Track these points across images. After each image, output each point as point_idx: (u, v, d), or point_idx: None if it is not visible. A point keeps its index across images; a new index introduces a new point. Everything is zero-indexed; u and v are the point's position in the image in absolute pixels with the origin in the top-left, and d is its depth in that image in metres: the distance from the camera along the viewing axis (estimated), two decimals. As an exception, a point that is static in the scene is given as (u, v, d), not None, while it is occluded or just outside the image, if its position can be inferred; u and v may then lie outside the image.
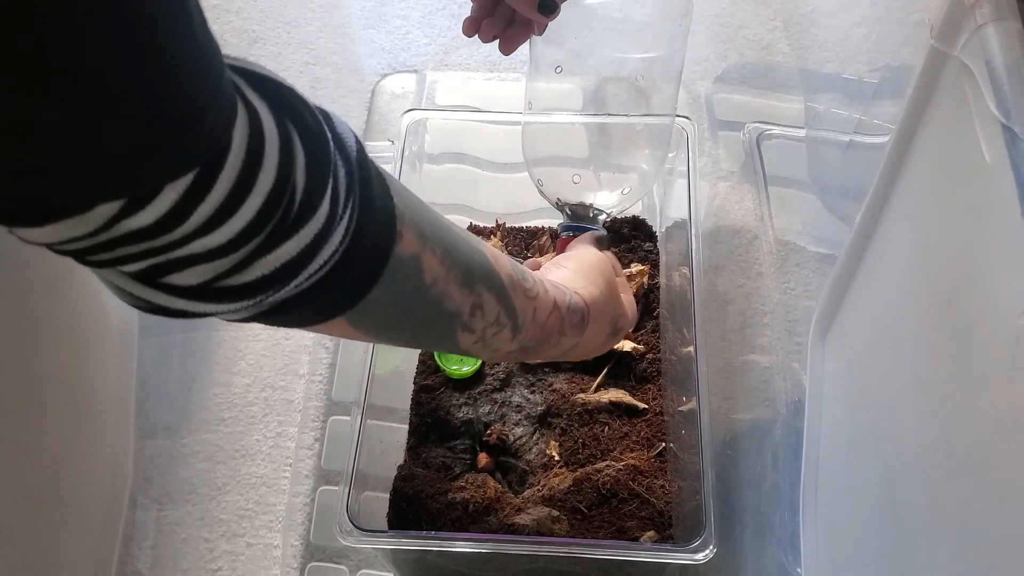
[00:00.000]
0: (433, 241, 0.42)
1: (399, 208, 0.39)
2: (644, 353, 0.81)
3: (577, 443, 0.75)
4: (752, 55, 1.09)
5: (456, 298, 0.44)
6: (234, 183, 0.30)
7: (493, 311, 0.47)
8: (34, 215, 0.27)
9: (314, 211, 0.33)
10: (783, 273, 0.91)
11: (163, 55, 0.26)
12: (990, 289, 0.44)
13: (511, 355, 0.53)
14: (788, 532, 0.74)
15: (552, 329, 0.54)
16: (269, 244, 0.32)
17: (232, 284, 0.32)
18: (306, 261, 0.34)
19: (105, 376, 0.76)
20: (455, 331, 0.46)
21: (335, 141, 0.35)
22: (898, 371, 0.58)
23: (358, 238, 0.36)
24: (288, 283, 0.34)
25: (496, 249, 0.50)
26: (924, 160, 0.57)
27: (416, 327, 0.45)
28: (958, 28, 0.50)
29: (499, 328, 0.49)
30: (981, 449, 0.44)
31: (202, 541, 0.78)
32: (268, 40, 1.12)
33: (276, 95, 0.32)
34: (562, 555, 0.62)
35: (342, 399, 0.85)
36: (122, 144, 0.26)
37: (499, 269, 0.48)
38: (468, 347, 0.48)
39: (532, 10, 0.62)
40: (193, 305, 0.33)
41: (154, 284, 0.32)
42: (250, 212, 0.30)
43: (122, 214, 0.28)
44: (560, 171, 0.76)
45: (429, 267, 0.41)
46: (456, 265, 0.43)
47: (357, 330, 0.42)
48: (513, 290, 0.49)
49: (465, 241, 0.46)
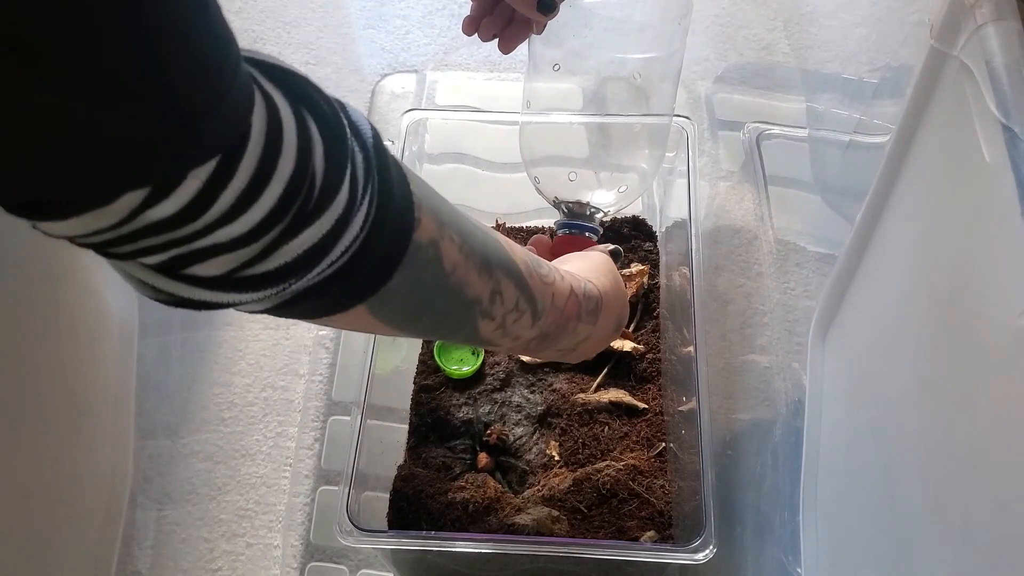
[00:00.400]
0: (451, 228, 0.42)
1: (416, 195, 0.39)
2: (644, 353, 0.81)
3: (577, 443, 0.75)
4: (752, 55, 1.09)
5: (475, 285, 0.44)
6: (255, 170, 0.30)
7: (512, 297, 0.47)
8: (59, 208, 0.27)
9: (334, 197, 0.33)
10: (783, 273, 0.91)
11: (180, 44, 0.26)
12: (990, 289, 0.44)
13: (531, 343, 0.53)
14: (788, 532, 0.74)
15: (571, 314, 0.54)
16: (291, 231, 0.32)
17: (255, 273, 0.32)
18: (328, 247, 0.34)
19: (105, 376, 0.76)
20: (475, 318, 0.46)
21: (351, 128, 0.35)
22: (898, 371, 0.58)
23: (378, 224, 0.36)
24: (310, 270, 0.34)
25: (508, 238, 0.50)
26: (924, 160, 0.57)
27: (436, 315, 0.44)
28: (958, 28, 0.50)
29: (519, 314, 0.48)
30: (981, 449, 0.44)
31: (202, 541, 0.78)
32: (268, 40, 1.12)
33: (291, 84, 0.33)
34: (562, 555, 0.62)
35: (342, 399, 0.85)
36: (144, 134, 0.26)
37: (514, 256, 0.48)
38: (488, 335, 0.48)
39: (531, 9, 0.62)
40: (216, 296, 0.33)
41: (176, 276, 0.32)
42: (271, 199, 0.31)
43: (145, 204, 0.28)
44: (557, 170, 0.76)
45: (448, 254, 0.41)
46: (474, 252, 0.43)
47: (378, 319, 0.41)
48: (530, 276, 0.49)
49: (479, 229, 0.46)
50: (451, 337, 0.50)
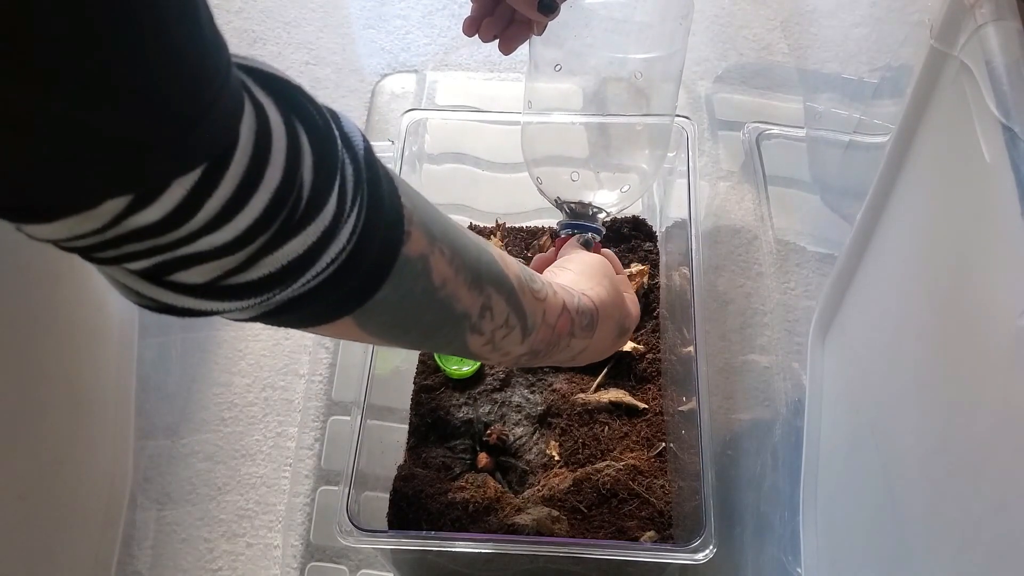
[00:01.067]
0: (442, 242, 0.41)
1: (407, 208, 0.39)
2: (644, 353, 0.81)
3: (577, 443, 0.75)
4: (752, 55, 1.09)
5: (465, 299, 0.44)
6: (241, 179, 0.30)
7: (503, 313, 0.47)
8: (42, 211, 0.27)
9: (321, 208, 0.33)
10: (783, 273, 0.91)
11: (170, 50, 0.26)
12: (990, 289, 0.44)
13: (521, 358, 0.53)
14: (788, 532, 0.74)
15: (562, 331, 0.53)
16: (276, 241, 0.32)
17: (238, 282, 0.32)
18: (313, 259, 0.34)
19: (105, 376, 0.76)
20: (464, 333, 0.46)
21: (343, 140, 0.35)
22: (898, 371, 0.58)
23: (366, 237, 0.36)
24: (295, 281, 0.34)
25: (502, 251, 0.49)
26: (924, 160, 0.57)
27: (425, 328, 0.44)
28: (958, 28, 0.50)
29: (509, 330, 0.48)
30: (981, 449, 0.44)
31: (202, 541, 0.78)
32: (268, 40, 1.12)
33: (283, 93, 0.33)
34: (562, 555, 0.62)
35: (342, 399, 0.85)
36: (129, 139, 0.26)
37: (507, 271, 0.48)
38: (477, 350, 0.48)
39: (532, 10, 0.62)
40: (200, 303, 0.33)
41: (160, 282, 0.32)
42: (257, 209, 0.30)
43: (129, 210, 0.28)
44: (559, 170, 0.76)
45: (438, 268, 0.41)
46: (465, 266, 0.43)
47: (364, 331, 0.41)
48: (522, 292, 0.49)
49: (473, 242, 0.45)
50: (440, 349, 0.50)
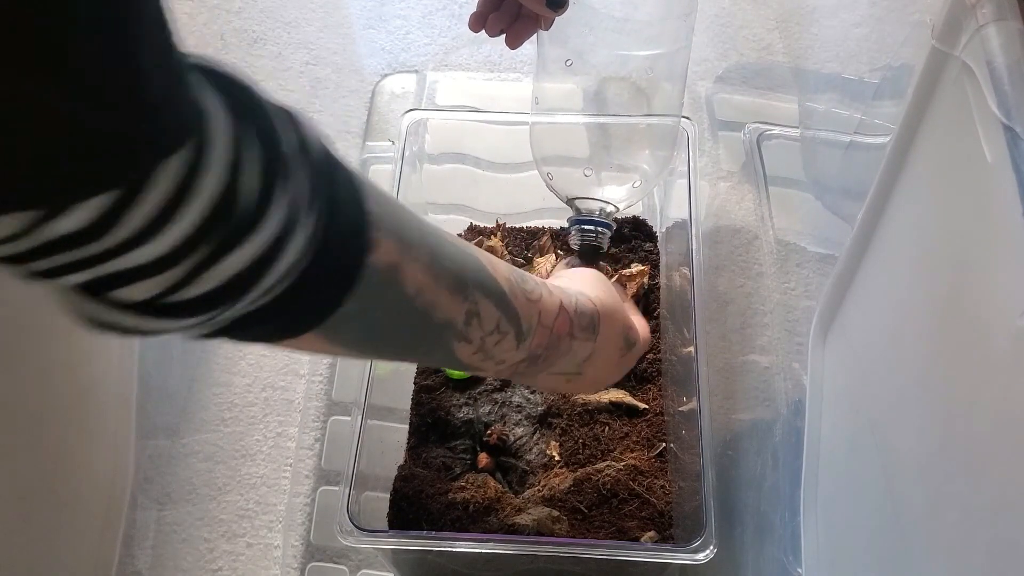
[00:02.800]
0: (418, 248, 0.39)
1: (373, 215, 0.36)
2: (644, 353, 0.81)
3: (577, 443, 0.75)
4: (752, 55, 1.09)
5: (447, 307, 0.42)
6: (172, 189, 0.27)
7: (492, 318, 0.45)
8: None
9: (265, 219, 0.30)
10: (783, 273, 0.91)
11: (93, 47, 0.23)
12: (990, 289, 0.44)
13: (520, 366, 0.50)
14: (788, 532, 0.74)
15: (561, 332, 0.51)
16: (216, 255, 0.29)
17: (181, 299, 0.30)
18: (260, 273, 0.31)
19: (105, 376, 0.76)
20: (449, 342, 0.44)
21: (300, 145, 0.32)
22: (898, 371, 0.58)
23: (323, 249, 0.33)
24: (242, 297, 0.32)
25: (491, 255, 0.47)
26: (925, 160, 0.57)
27: (404, 340, 0.43)
28: (959, 28, 0.50)
29: (501, 336, 0.46)
30: (981, 449, 0.44)
31: (202, 541, 0.78)
32: (268, 40, 1.12)
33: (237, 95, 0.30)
34: (562, 555, 0.62)
35: (342, 399, 0.85)
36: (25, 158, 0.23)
37: (496, 274, 0.45)
38: (468, 359, 0.46)
39: (540, 5, 0.62)
40: (143, 322, 0.31)
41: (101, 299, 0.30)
42: (191, 220, 0.28)
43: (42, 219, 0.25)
44: (570, 167, 0.76)
45: (412, 276, 0.39)
46: (445, 272, 0.41)
47: (336, 346, 0.39)
48: (513, 295, 0.46)
49: (455, 246, 0.43)
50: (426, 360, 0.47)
